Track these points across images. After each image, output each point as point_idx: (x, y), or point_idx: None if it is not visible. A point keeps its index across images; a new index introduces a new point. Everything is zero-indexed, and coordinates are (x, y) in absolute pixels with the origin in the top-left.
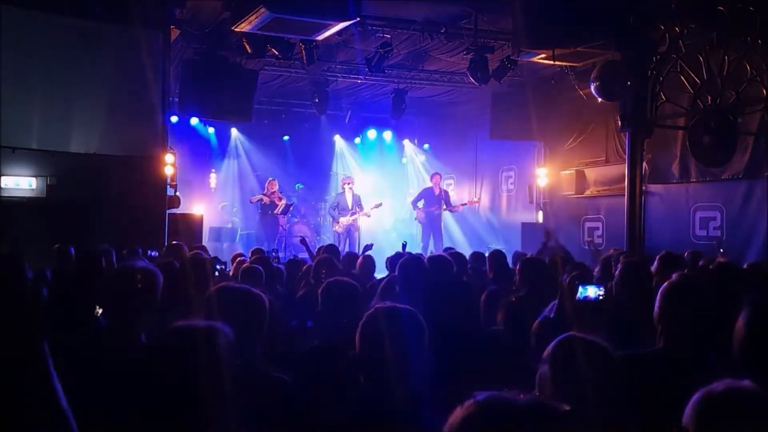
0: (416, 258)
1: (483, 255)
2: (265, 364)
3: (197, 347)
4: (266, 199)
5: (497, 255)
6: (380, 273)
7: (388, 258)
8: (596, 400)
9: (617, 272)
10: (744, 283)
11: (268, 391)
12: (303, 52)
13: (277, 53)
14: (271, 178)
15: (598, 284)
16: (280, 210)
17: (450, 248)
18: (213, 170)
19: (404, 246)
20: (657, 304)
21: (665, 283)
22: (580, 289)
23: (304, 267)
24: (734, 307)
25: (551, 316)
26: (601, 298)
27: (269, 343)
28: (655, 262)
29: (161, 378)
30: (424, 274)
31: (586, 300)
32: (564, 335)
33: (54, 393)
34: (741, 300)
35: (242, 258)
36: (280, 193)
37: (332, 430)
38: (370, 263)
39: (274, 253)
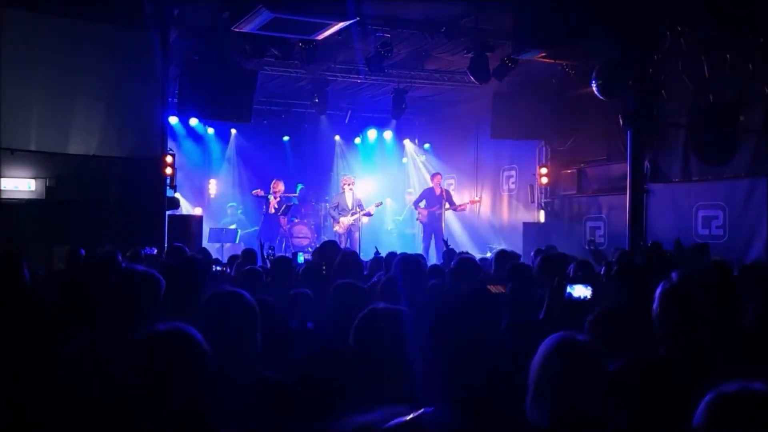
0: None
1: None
2: (261, 366)
3: (166, 351)
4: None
5: None
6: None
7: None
8: (584, 402)
9: (614, 271)
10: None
11: (264, 392)
12: (302, 52)
13: (276, 53)
14: (276, 180)
15: (585, 283)
16: (282, 211)
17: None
18: (213, 179)
19: (377, 252)
20: (656, 306)
21: (664, 284)
22: (568, 288)
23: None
24: (736, 306)
25: (540, 316)
26: (588, 297)
27: (268, 344)
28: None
29: (137, 383)
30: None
31: (573, 299)
32: (553, 337)
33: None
34: (742, 299)
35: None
36: (275, 193)
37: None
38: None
39: (270, 251)
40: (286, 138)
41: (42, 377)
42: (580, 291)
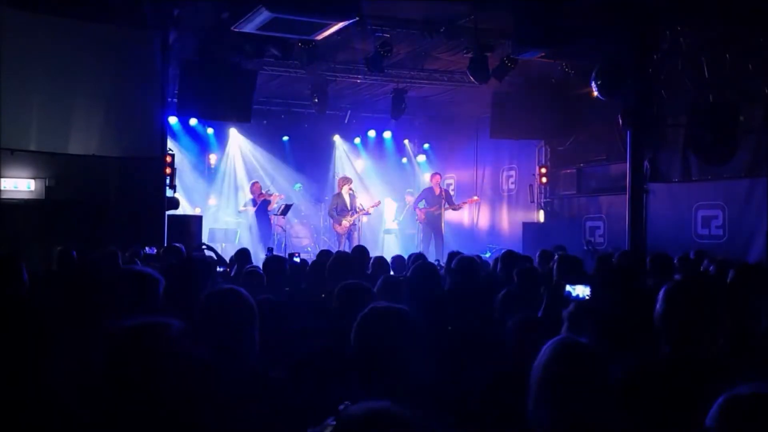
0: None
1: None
2: (262, 365)
3: (148, 345)
4: (251, 209)
5: None
6: None
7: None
8: (588, 406)
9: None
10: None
11: (263, 391)
12: (302, 52)
13: (276, 53)
14: (253, 181)
15: (585, 283)
16: (280, 211)
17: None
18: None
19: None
20: (660, 307)
21: (669, 285)
22: (568, 287)
23: None
24: (744, 307)
25: (539, 315)
26: (588, 297)
27: (270, 344)
28: (647, 264)
29: (118, 379)
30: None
31: (573, 299)
32: (555, 340)
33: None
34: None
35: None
36: (267, 191)
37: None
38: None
39: (268, 253)
40: (285, 138)
41: (40, 379)
42: (580, 290)
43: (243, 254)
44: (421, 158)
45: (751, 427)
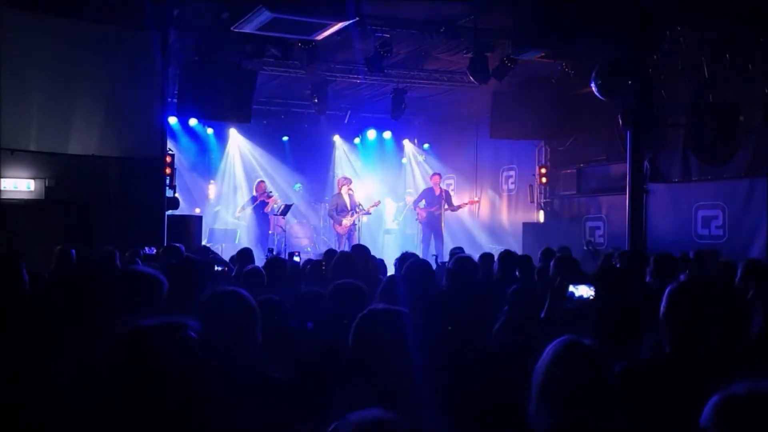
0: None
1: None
2: (262, 365)
3: (163, 344)
4: (249, 209)
5: None
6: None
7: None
8: (592, 405)
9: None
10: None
11: (265, 391)
12: (302, 52)
13: (276, 53)
14: (258, 180)
15: (588, 283)
16: (280, 211)
17: (459, 249)
18: (212, 181)
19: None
20: (663, 307)
21: (673, 285)
22: (570, 288)
23: None
24: (743, 306)
25: (541, 316)
26: (591, 297)
27: (270, 344)
28: (651, 264)
29: (131, 377)
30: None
31: (576, 299)
32: (558, 341)
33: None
34: (749, 299)
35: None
36: (269, 192)
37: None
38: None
39: (269, 254)
40: (285, 138)
41: (41, 379)
42: (583, 291)
43: (245, 254)
44: (421, 158)
45: (746, 426)
